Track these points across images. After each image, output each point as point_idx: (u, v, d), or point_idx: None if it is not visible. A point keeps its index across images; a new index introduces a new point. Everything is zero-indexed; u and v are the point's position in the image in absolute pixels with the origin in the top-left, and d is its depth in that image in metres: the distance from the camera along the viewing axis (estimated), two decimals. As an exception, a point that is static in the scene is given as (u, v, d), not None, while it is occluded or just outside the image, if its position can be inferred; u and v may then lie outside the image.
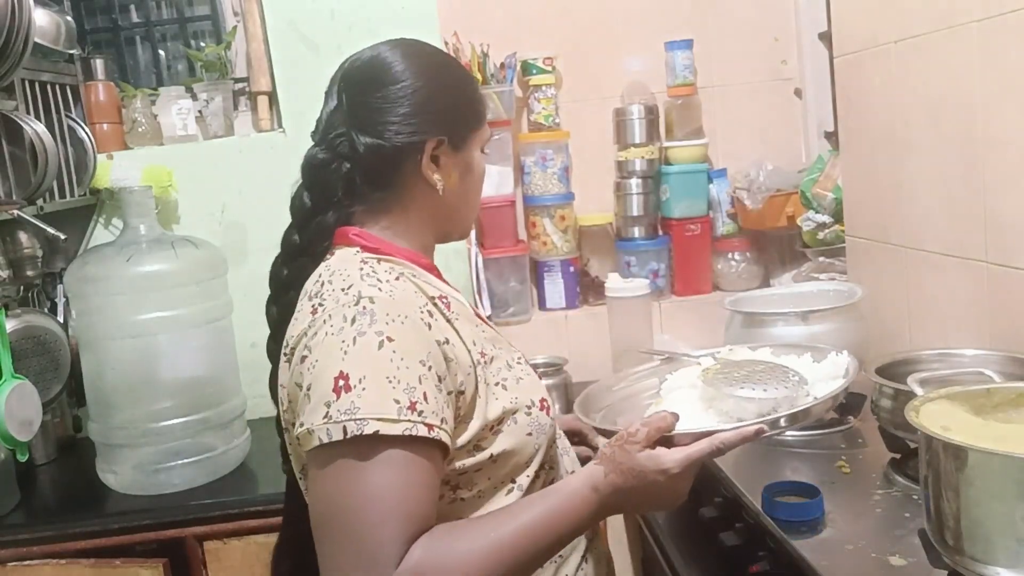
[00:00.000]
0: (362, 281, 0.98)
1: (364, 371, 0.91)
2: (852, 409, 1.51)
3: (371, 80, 1.08)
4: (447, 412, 0.94)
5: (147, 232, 1.82)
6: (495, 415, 1.00)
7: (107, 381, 1.79)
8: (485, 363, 1.02)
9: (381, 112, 1.06)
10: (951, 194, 1.51)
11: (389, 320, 0.94)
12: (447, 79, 1.11)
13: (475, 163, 1.13)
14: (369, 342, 0.92)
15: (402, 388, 0.91)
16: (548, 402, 1.08)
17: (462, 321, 1.03)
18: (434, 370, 0.94)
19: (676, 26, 2.28)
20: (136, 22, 2.30)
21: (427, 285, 1.04)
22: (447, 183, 1.08)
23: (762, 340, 1.54)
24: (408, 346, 0.93)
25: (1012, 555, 0.89)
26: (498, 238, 2.25)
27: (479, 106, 1.14)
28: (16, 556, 1.61)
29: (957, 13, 1.43)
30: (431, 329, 0.96)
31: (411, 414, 0.90)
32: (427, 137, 1.06)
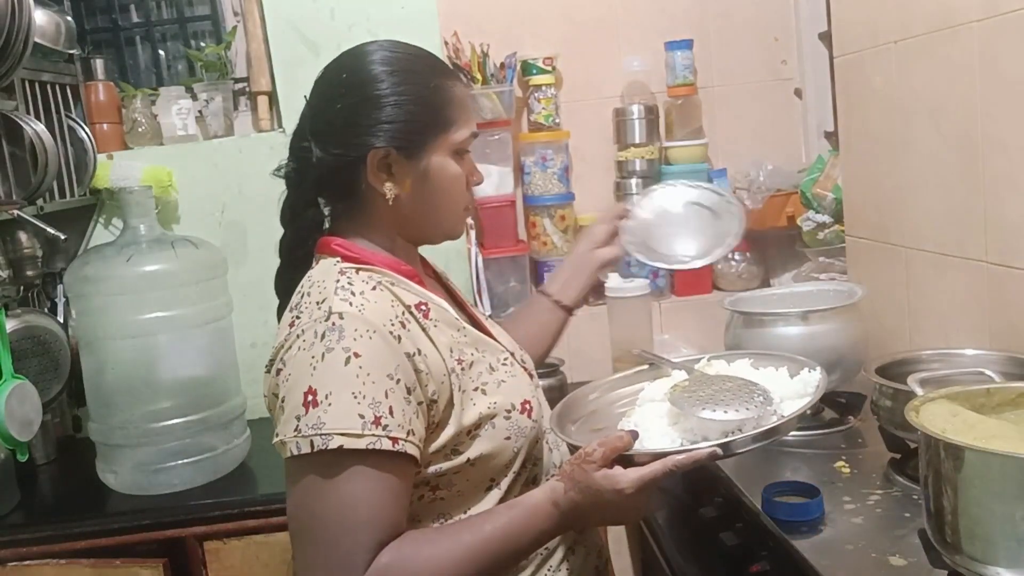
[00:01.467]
0: (335, 295, 1.01)
1: (331, 387, 0.96)
2: (852, 409, 1.52)
3: (326, 90, 1.12)
4: (416, 423, 0.98)
5: (147, 232, 1.82)
6: (471, 421, 1.04)
7: (107, 381, 1.79)
8: (462, 369, 1.05)
9: (330, 123, 1.09)
10: (951, 194, 1.51)
11: (357, 336, 0.98)
12: (397, 87, 1.08)
13: (436, 169, 1.09)
14: (337, 358, 0.96)
15: (367, 403, 0.95)
16: (532, 404, 1.09)
17: (441, 327, 1.07)
18: (403, 382, 0.98)
19: (676, 26, 2.28)
20: (136, 22, 2.30)
21: (406, 293, 1.06)
22: (401, 192, 1.08)
23: (762, 340, 1.55)
24: (375, 361, 0.97)
25: (1012, 555, 0.89)
26: (498, 238, 2.25)
27: (445, 111, 1.10)
28: (16, 556, 1.61)
29: (957, 13, 1.43)
30: (401, 341, 0.99)
31: (375, 428, 0.94)
32: (368, 148, 1.06)
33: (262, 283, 1.16)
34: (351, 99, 1.08)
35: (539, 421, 1.12)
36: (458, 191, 1.13)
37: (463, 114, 1.12)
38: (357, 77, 1.09)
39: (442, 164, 1.10)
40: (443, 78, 1.11)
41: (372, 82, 1.08)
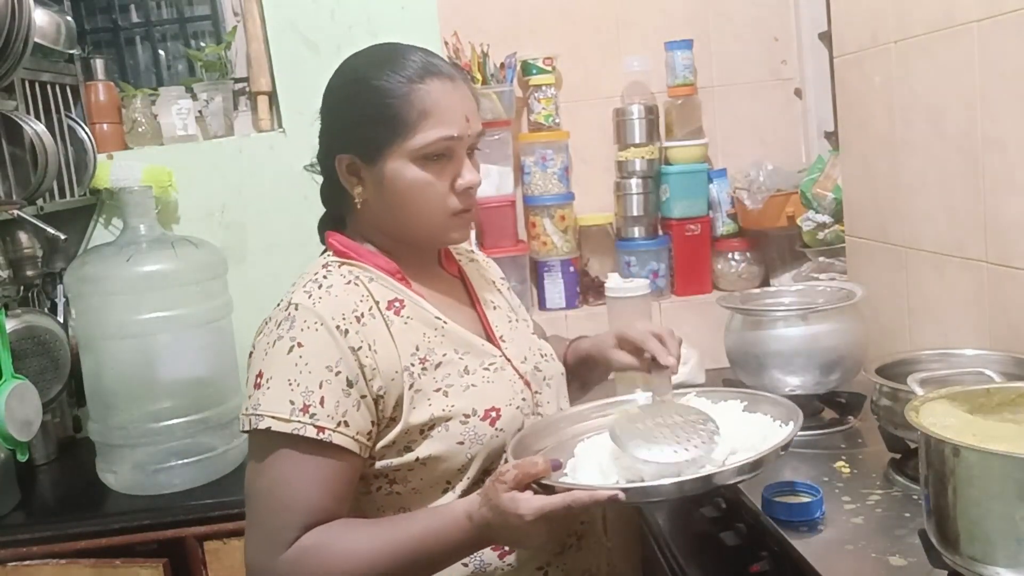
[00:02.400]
0: (302, 288, 1.08)
1: (272, 372, 1.03)
2: (852, 409, 1.52)
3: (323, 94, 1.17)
4: (355, 415, 1.02)
5: (147, 232, 1.82)
6: (420, 420, 1.06)
7: (107, 381, 1.80)
8: (424, 369, 1.07)
9: (320, 130, 1.16)
10: (951, 194, 1.51)
11: (305, 327, 1.04)
12: (355, 96, 1.11)
13: (392, 176, 1.09)
14: (283, 346, 1.03)
15: (300, 391, 1.01)
16: (502, 413, 1.09)
17: (413, 324, 1.10)
18: (343, 375, 1.02)
19: (676, 26, 2.28)
20: (136, 22, 2.30)
21: (382, 289, 1.11)
22: (366, 195, 1.12)
23: (763, 340, 1.55)
24: (315, 352, 1.02)
25: (1012, 555, 0.89)
26: (498, 238, 2.25)
27: (402, 117, 1.07)
28: (16, 556, 1.61)
29: (957, 13, 1.43)
30: (348, 336, 1.03)
31: (302, 416, 1.00)
32: (335, 154, 1.11)
33: (262, 283, 1.18)
34: (325, 107, 1.15)
35: (508, 431, 1.10)
36: (424, 197, 1.10)
37: (431, 118, 1.07)
38: (330, 86, 1.15)
39: (398, 171, 1.08)
40: (409, 83, 1.08)
41: (338, 90, 1.14)
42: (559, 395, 1.24)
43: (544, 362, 1.23)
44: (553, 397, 1.22)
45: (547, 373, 1.22)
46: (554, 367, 1.25)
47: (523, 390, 1.15)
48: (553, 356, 1.27)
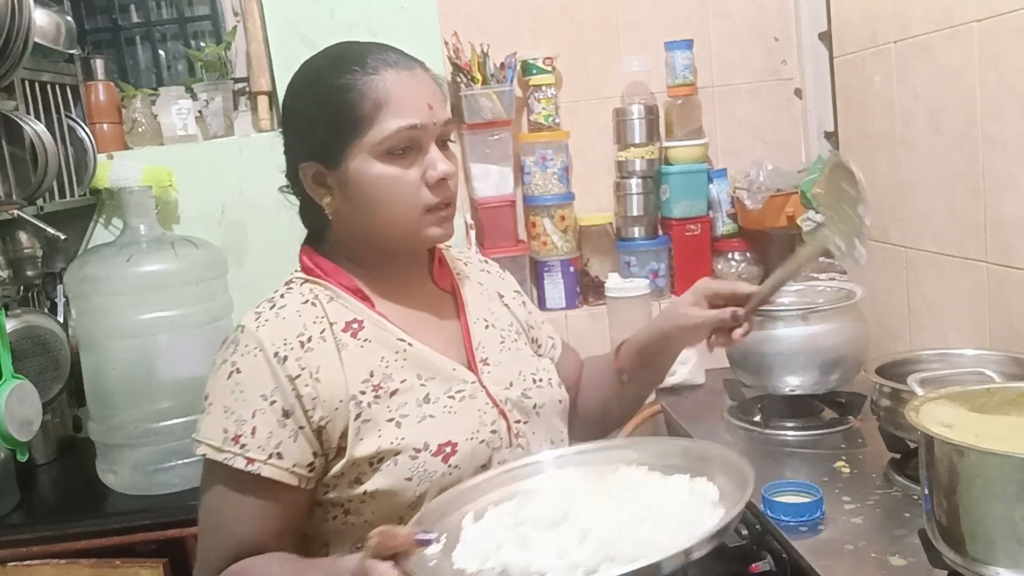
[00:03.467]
0: (255, 308, 1.05)
1: (213, 396, 1.02)
2: (852, 409, 1.52)
3: None
4: (291, 447, 0.98)
5: (147, 232, 1.82)
6: (366, 453, 1.00)
7: (107, 381, 1.79)
8: (377, 397, 1.01)
9: (284, 144, 1.12)
10: (951, 194, 1.51)
11: (245, 351, 1.01)
12: (309, 98, 1.06)
13: (357, 175, 1.03)
14: (224, 370, 1.01)
15: (233, 419, 0.99)
16: (455, 448, 1.01)
17: (370, 348, 1.04)
18: (278, 405, 0.99)
19: (676, 26, 2.28)
20: (136, 22, 2.30)
21: (342, 309, 1.06)
22: (336, 204, 1.06)
23: (763, 340, 1.54)
24: (251, 379, 1.00)
25: (1012, 555, 0.89)
26: (498, 238, 2.25)
27: (356, 112, 1.02)
28: (16, 556, 1.61)
29: (957, 13, 1.43)
30: (286, 363, 0.99)
31: (233, 445, 0.98)
32: (299, 163, 1.07)
33: (262, 283, 1.16)
34: (284, 118, 1.12)
35: (466, 468, 1.01)
36: (392, 193, 1.03)
37: (387, 108, 1.02)
38: (286, 95, 1.11)
39: (362, 170, 1.03)
40: (363, 75, 1.02)
41: (293, 97, 1.10)
42: (553, 424, 1.14)
43: (536, 388, 1.13)
44: (543, 427, 1.12)
45: (538, 400, 1.12)
46: (549, 394, 1.14)
47: (495, 421, 1.06)
48: (552, 381, 1.16)
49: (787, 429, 1.50)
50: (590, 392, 1.29)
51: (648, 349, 1.21)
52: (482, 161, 2.25)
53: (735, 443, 1.50)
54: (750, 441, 1.49)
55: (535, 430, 1.11)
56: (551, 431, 1.14)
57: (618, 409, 1.30)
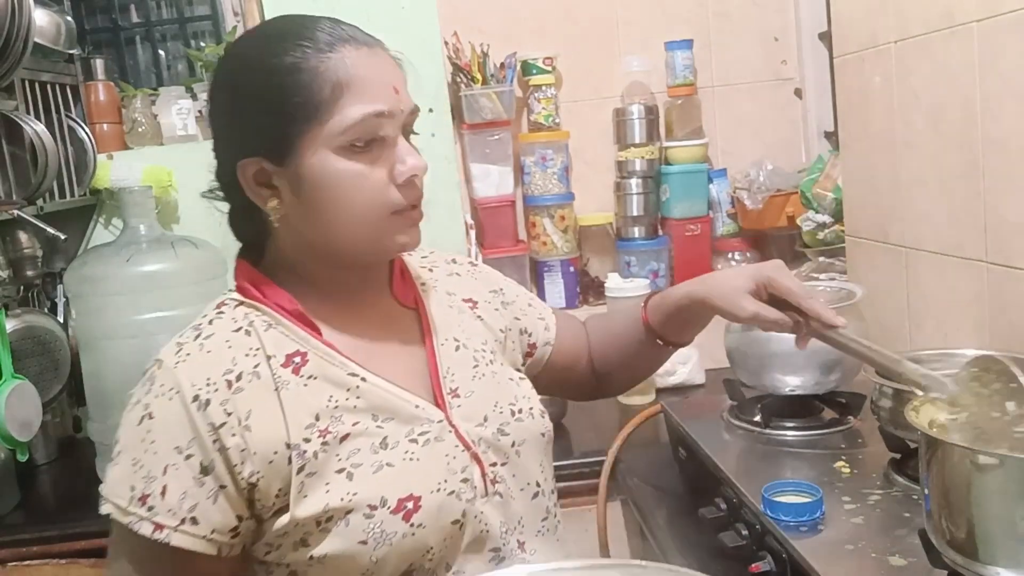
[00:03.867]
0: (177, 337, 0.90)
1: (122, 444, 0.87)
2: (852, 409, 1.51)
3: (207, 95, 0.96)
4: (210, 510, 0.83)
5: (147, 232, 1.82)
6: (311, 512, 0.84)
7: (107, 381, 1.79)
8: (324, 444, 0.85)
9: (214, 139, 0.95)
10: (951, 194, 1.51)
11: (160, 392, 0.86)
12: (249, 82, 0.88)
13: (312, 172, 0.87)
14: (136, 414, 0.87)
15: (142, 475, 0.84)
16: (418, 504, 0.85)
17: (316, 386, 0.87)
18: (195, 459, 0.83)
19: (676, 26, 2.28)
20: (136, 22, 2.30)
21: (282, 339, 0.89)
22: (284, 209, 0.89)
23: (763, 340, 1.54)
24: (164, 428, 0.84)
25: (1012, 555, 0.89)
26: (498, 238, 2.25)
27: (313, 95, 0.85)
28: (16, 556, 1.61)
29: (957, 13, 1.43)
30: (207, 408, 0.83)
31: (139, 507, 0.83)
32: (236, 160, 0.89)
33: (262, 283, 1.15)
34: (214, 107, 0.93)
35: (432, 527, 0.86)
36: (357, 193, 0.87)
37: (349, 93, 0.86)
38: (217, 79, 0.93)
39: (319, 166, 0.86)
40: (317, 54, 0.86)
41: (226, 81, 0.92)
42: (534, 464, 0.99)
43: (515, 422, 0.97)
44: (523, 469, 0.97)
45: (517, 436, 0.97)
46: (530, 428, 0.99)
47: (467, 467, 0.91)
48: (534, 411, 1.01)
49: (787, 429, 1.50)
50: (611, 350, 1.20)
51: (681, 316, 1.11)
52: (482, 161, 2.25)
53: (735, 443, 1.50)
54: (750, 441, 1.49)
55: (515, 472, 0.96)
56: (532, 472, 0.98)
57: (645, 363, 1.23)
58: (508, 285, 1.16)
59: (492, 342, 1.05)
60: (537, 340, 1.17)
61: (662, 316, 1.13)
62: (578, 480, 1.69)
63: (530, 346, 1.16)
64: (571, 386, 1.27)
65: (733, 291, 1.05)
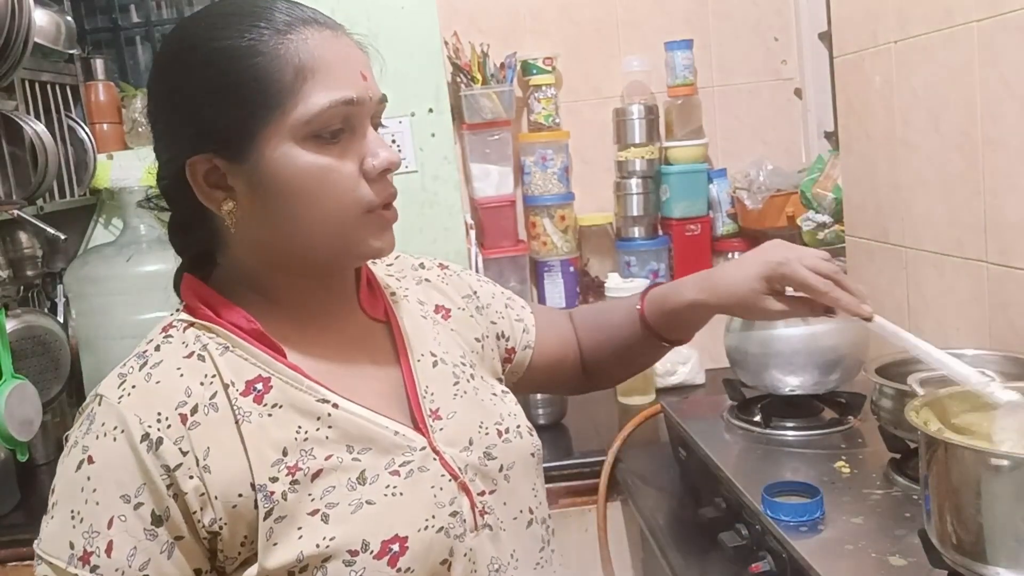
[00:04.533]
0: (119, 368, 0.81)
1: (59, 495, 0.76)
2: (852, 409, 1.51)
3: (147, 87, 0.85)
4: (166, 564, 0.73)
5: (147, 232, 1.82)
6: (283, 562, 0.74)
7: (107, 381, 1.79)
8: (295, 482, 0.75)
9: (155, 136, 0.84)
10: (951, 194, 1.51)
11: (101, 433, 0.74)
12: (197, 68, 0.77)
13: (273, 167, 0.77)
14: (73, 459, 0.75)
15: (82, 530, 0.73)
16: (405, 545, 0.76)
17: (281, 416, 0.78)
18: (145, 508, 0.73)
19: (676, 26, 2.28)
20: (136, 22, 2.30)
21: (240, 364, 0.79)
22: (241, 211, 0.79)
23: (763, 340, 1.54)
24: (107, 474, 0.73)
25: (1012, 555, 0.89)
26: (498, 238, 2.25)
27: (273, 81, 0.76)
28: (16, 556, 1.61)
29: (957, 13, 1.43)
30: (160, 448, 0.73)
31: (81, 568, 0.72)
32: (183, 161, 0.79)
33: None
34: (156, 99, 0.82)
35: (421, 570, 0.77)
36: (324, 189, 0.78)
37: (314, 78, 0.77)
38: (159, 65, 0.82)
39: (283, 160, 0.77)
40: (276, 35, 0.77)
41: (171, 68, 0.80)
42: (525, 489, 0.90)
43: (502, 444, 0.88)
44: (514, 496, 0.88)
45: (505, 460, 0.88)
46: (519, 448, 0.90)
47: (455, 499, 0.81)
48: (522, 429, 0.92)
49: (787, 429, 1.50)
50: (603, 345, 1.14)
51: (684, 318, 1.06)
52: (482, 161, 2.25)
53: (735, 443, 1.50)
54: (750, 441, 1.49)
55: (505, 500, 0.86)
56: (524, 498, 0.89)
57: (640, 358, 1.17)
58: (482, 287, 1.07)
59: (470, 354, 0.97)
60: (516, 344, 1.08)
61: (663, 317, 1.08)
62: (578, 480, 1.69)
63: (508, 351, 1.07)
64: (559, 383, 1.20)
65: (751, 297, 1.00)
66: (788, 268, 0.97)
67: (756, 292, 0.99)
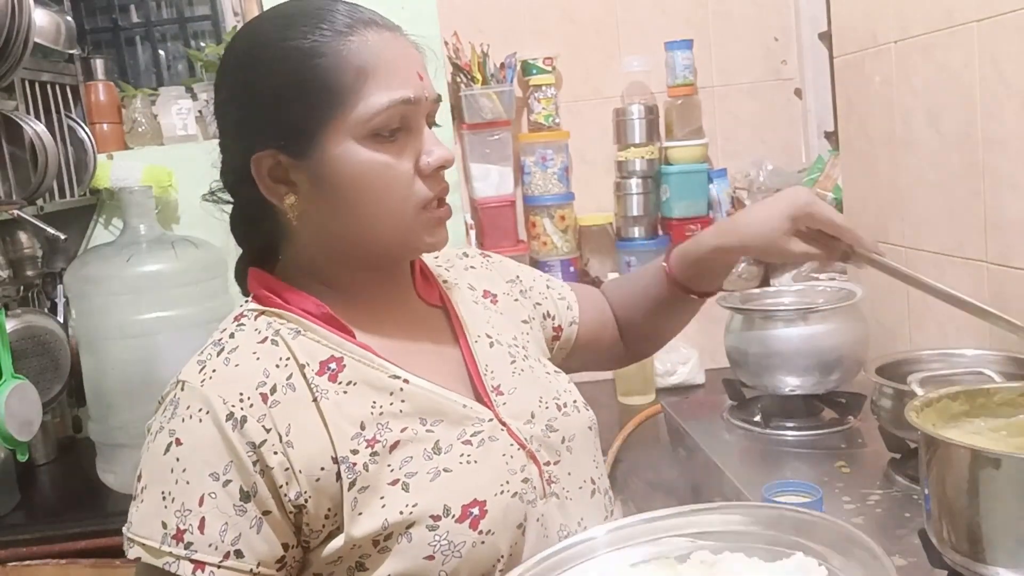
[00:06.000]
0: (197, 355, 0.83)
1: (147, 478, 0.79)
2: (852, 409, 1.52)
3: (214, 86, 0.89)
4: (256, 539, 0.76)
5: (147, 232, 1.82)
6: (369, 530, 0.77)
7: (107, 381, 1.79)
8: (375, 454, 0.79)
9: (219, 135, 0.89)
10: (951, 194, 1.51)
11: (187, 415, 0.77)
12: (263, 68, 0.81)
13: (334, 163, 0.81)
14: (160, 442, 0.78)
15: (174, 509, 0.76)
16: (485, 509, 0.79)
17: (355, 392, 0.81)
18: (234, 485, 0.75)
19: (676, 26, 2.28)
20: (136, 22, 2.30)
21: (313, 346, 0.83)
22: (303, 205, 0.83)
23: (763, 340, 1.54)
24: (196, 454, 0.76)
25: (1012, 555, 0.89)
26: (498, 238, 2.25)
27: (336, 81, 0.80)
28: (16, 556, 1.61)
29: (957, 13, 1.43)
30: (244, 426, 0.76)
31: (175, 546, 0.75)
32: (249, 157, 0.83)
33: (262, 283, 1.15)
34: (223, 97, 0.86)
35: (500, 533, 0.80)
36: (384, 185, 0.82)
37: (375, 78, 0.81)
38: (226, 66, 0.86)
39: (343, 156, 0.81)
40: (337, 36, 0.81)
41: (237, 68, 0.84)
42: (585, 460, 0.93)
43: (562, 417, 0.92)
44: (575, 466, 0.91)
45: (567, 432, 0.91)
46: (578, 421, 0.94)
47: (525, 466, 0.85)
48: (579, 403, 0.96)
49: (787, 429, 1.50)
50: (636, 311, 1.15)
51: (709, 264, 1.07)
52: (482, 161, 2.25)
53: (735, 443, 1.50)
54: (750, 441, 1.49)
55: (570, 471, 0.90)
56: (586, 469, 0.93)
57: (675, 318, 1.17)
58: (523, 272, 1.11)
59: (520, 335, 1.00)
60: (562, 322, 1.11)
61: (688, 268, 1.08)
62: (578, 480, 1.69)
63: (556, 329, 1.10)
64: (601, 357, 1.21)
65: (774, 235, 1.00)
66: (815, 207, 0.99)
67: (780, 231, 1.00)
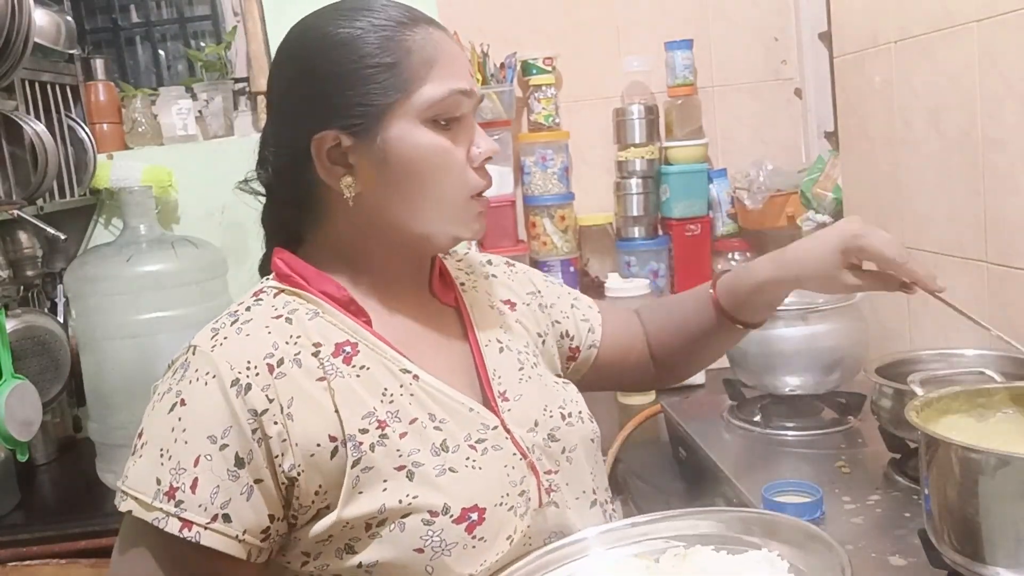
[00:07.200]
0: (211, 324, 0.86)
1: (148, 434, 0.81)
2: (852, 409, 1.51)
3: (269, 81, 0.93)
4: (244, 507, 0.77)
5: (147, 232, 1.82)
6: (365, 511, 0.78)
7: (107, 381, 1.79)
8: (384, 438, 0.80)
9: (272, 117, 0.91)
10: (951, 194, 1.51)
11: (194, 378, 0.80)
12: (328, 51, 0.85)
13: (398, 143, 0.84)
14: (166, 403, 0.80)
15: (170, 467, 0.77)
16: (483, 516, 0.80)
17: (367, 377, 0.83)
18: (230, 450, 0.77)
19: (676, 26, 2.28)
20: (136, 22, 2.30)
21: (331, 329, 0.85)
22: (364, 186, 0.85)
23: (763, 340, 1.54)
24: (197, 415, 0.78)
25: (1012, 555, 0.89)
26: (498, 238, 2.25)
27: (403, 65, 0.84)
28: (16, 556, 1.61)
29: (957, 13, 1.43)
30: (248, 393, 0.78)
31: (167, 502, 0.76)
32: (310, 136, 0.85)
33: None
34: (283, 80, 0.90)
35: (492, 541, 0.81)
36: (443, 168, 0.86)
37: (438, 66, 0.85)
38: (288, 51, 0.89)
39: (406, 137, 0.84)
40: (400, 27, 0.85)
41: (300, 53, 0.88)
42: (586, 471, 0.94)
43: (565, 426, 0.93)
44: (576, 476, 0.92)
45: (568, 442, 0.92)
46: (581, 432, 0.95)
47: (524, 478, 0.86)
48: (583, 415, 0.97)
49: (787, 429, 1.50)
50: (674, 337, 1.15)
51: (761, 298, 1.06)
52: (482, 161, 2.25)
53: (735, 443, 1.50)
54: (750, 441, 1.49)
55: (568, 481, 0.91)
56: (585, 480, 0.94)
57: (715, 346, 1.16)
58: (547, 288, 1.11)
59: (532, 345, 1.01)
60: (580, 344, 1.11)
61: (737, 299, 1.07)
62: (578, 480, 1.69)
63: (572, 350, 1.10)
64: (625, 380, 1.22)
65: (828, 270, 1.00)
66: (865, 240, 0.98)
67: (833, 265, 1.00)
